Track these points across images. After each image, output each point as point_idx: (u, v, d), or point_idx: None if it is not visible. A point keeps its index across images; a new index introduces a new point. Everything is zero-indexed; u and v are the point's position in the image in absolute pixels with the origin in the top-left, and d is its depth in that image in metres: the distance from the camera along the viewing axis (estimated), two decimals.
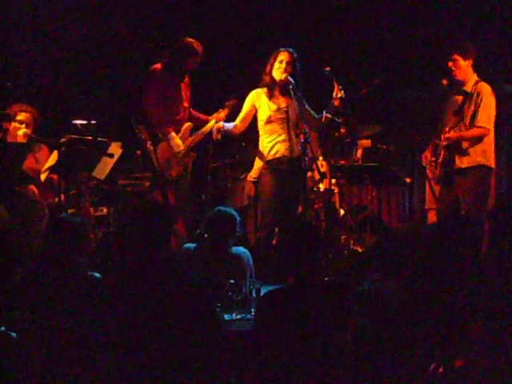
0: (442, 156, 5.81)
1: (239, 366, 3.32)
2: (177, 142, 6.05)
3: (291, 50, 5.78)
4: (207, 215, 4.62)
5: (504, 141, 7.22)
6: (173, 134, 6.04)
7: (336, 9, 7.74)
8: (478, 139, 5.77)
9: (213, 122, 6.07)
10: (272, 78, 5.79)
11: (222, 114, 6.12)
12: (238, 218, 4.53)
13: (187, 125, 6.14)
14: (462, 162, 5.81)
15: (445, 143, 5.78)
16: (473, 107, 5.74)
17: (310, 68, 6.02)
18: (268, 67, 5.81)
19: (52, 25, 7.23)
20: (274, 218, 5.73)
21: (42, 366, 3.31)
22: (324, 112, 5.83)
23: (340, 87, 5.80)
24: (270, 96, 5.82)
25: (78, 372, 3.27)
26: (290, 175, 5.79)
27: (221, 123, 5.88)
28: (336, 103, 5.79)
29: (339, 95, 5.79)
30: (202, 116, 6.31)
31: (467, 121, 5.77)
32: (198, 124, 6.22)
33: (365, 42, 7.77)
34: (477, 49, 5.83)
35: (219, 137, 5.80)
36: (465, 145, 5.79)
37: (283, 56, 5.75)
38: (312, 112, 5.92)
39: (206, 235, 4.52)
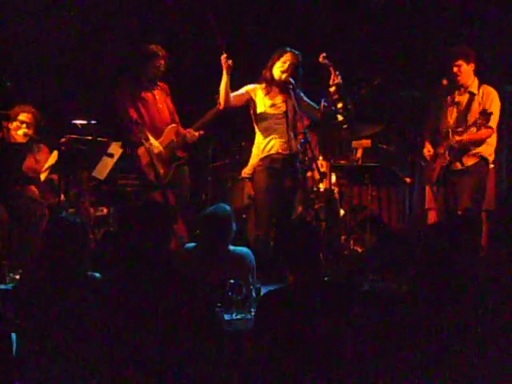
0: (447, 159, 5.83)
1: (239, 366, 3.32)
2: (154, 143, 6.04)
3: (297, 52, 5.72)
4: (200, 216, 4.56)
5: (504, 141, 7.22)
6: (148, 135, 6.02)
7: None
8: (485, 140, 5.85)
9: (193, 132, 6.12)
10: (271, 75, 5.76)
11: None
12: (231, 212, 4.45)
13: (172, 126, 6.14)
14: (466, 162, 5.86)
15: (456, 145, 5.77)
16: (481, 108, 5.79)
17: (308, 63, 5.99)
18: (270, 63, 5.75)
19: (52, 24, 7.23)
20: (269, 217, 5.71)
21: (43, 366, 3.31)
22: (322, 100, 5.77)
23: (337, 73, 5.73)
24: (267, 92, 5.77)
25: (78, 371, 3.27)
26: (285, 173, 5.76)
27: (230, 61, 5.60)
28: (332, 90, 5.74)
29: (336, 81, 5.73)
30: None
31: (472, 120, 5.79)
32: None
33: (365, 41, 7.77)
34: (476, 53, 5.94)
35: (230, 63, 5.56)
36: (472, 146, 5.84)
37: (288, 57, 5.69)
38: (312, 104, 5.86)
39: (199, 234, 4.48)
